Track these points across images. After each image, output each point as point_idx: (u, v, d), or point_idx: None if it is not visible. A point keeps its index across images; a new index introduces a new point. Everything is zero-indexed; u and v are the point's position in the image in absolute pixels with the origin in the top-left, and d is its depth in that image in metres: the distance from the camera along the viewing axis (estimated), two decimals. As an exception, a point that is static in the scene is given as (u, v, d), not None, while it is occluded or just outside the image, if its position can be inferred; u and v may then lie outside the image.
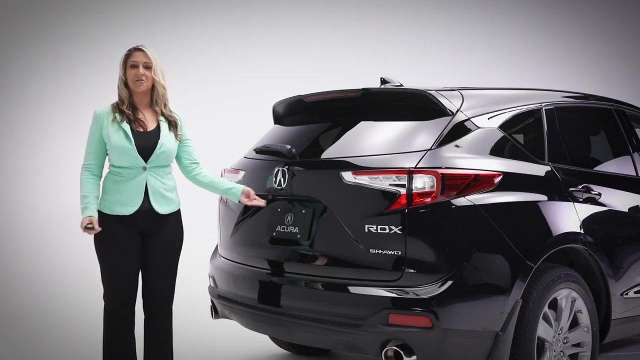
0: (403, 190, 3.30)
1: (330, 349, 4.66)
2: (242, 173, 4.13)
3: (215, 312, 4.20)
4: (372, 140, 3.69)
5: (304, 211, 3.67)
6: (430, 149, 3.41)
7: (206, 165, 3.95)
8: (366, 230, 3.38)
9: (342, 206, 3.49)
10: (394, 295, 3.29)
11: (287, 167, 3.76)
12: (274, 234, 3.79)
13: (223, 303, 4.07)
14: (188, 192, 4.15)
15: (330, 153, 3.79)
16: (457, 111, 3.58)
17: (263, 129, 4.46)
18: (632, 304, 4.19)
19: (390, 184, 3.35)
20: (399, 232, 3.29)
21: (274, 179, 3.79)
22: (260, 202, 3.77)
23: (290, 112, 4.29)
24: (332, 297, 3.47)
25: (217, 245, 4.38)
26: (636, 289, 4.21)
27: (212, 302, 4.22)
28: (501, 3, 9.55)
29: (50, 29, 8.16)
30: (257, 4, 8.83)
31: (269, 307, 3.71)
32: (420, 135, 3.52)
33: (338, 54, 8.79)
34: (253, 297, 3.82)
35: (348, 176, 3.47)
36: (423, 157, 3.37)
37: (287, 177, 3.74)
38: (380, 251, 3.34)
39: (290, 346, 4.74)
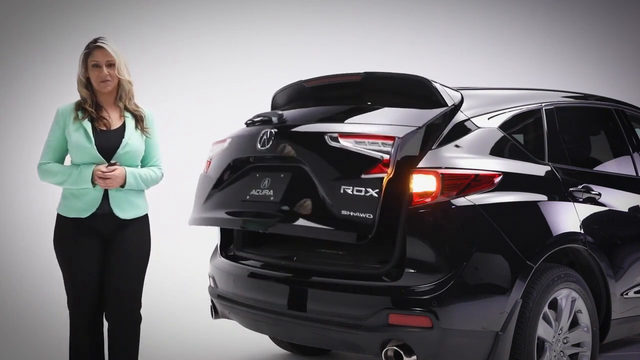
0: (387, 156, 3.24)
1: (330, 349, 4.65)
2: (228, 140, 4.07)
3: (215, 312, 4.20)
4: (366, 116, 3.68)
5: (282, 175, 3.61)
6: (430, 149, 3.41)
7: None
8: (341, 191, 3.29)
9: (322, 168, 3.43)
10: (394, 295, 3.29)
11: (274, 129, 3.71)
12: (248, 197, 3.73)
13: (223, 303, 4.06)
14: (188, 192, 4.15)
15: (321, 122, 3.74)
16: (457, 111, 3.58)
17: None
18: (632, 304, 4.19)
19: (375, 149, 3.29)
20: (375, 194, 3.20)
21: (259, 141, 3.73)
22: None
23: (289, 98, 4.27)
24: (332, 297, 3.47)
25: (217, 245, 4.37)
26: (636, 289, 4.21)
27: (212, 302, 4.22)
28: (501, 3, 9.55)
29: (52, 27, 8.16)
30: (258, 4, 8.83)
31: (269, 307, 3.71)
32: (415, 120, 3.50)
33: (338, 54, 8.79)
34: (253, 297, 3.81)
35: (334, 139, 3.42)
36: (423, 156, 3.37)
37: (272, 138, 3.67)
38: (351, 213, 3.25)
39: (290, 346, 4.74)
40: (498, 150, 3.61)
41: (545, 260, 3.55)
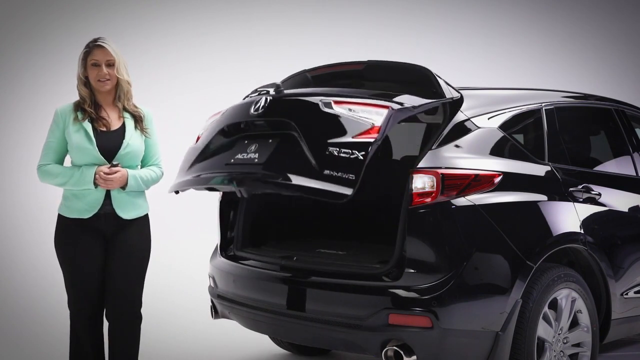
0: (378, 124, 3.21)
1: (330, 349, 4.66)
2: (222, 112, 4.03)
3: (215, 312, 4.20)
4: (363, 94, 3.65)
5: (270, 140, 3.56)
6: (430, 149, 3.41)
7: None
8: (327, 152, 3.24)
9: (312, 132, 3.39)
10: (394, 295, 3.29)
11: (271, 97, 3.67)
12: (232, 160, 3.65)
13: (223, 303, 4.06)
14: (187, 193, 4.14)
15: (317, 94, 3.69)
16: (457, 110, 3.58)
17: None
18: (632, 304, 4.19)
19: (367, 117, 3.26)
20: (360, 157, 3.14)
21: (253, 106, 3.68)
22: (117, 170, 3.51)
23: (292, 88, 4.26)
24: (332, 297, 3.47)
25: (217, 245, 4.37)
26: (636, 289, 4.21)
27: (212, 302, 4.22)
28: (501, 3, 9.55)
29: (52, 27, 8.16)
30: (258, 4, 8.83)
31: (269, 307, 3.71)
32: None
33: (338, 54, 8.78)
34: (253, 297, 3.81)
35: (327, 104, 3.39)
36: (423, 156, 3.37)
37: (266, 104, 3.62)
38: (334, 173, 3.18)
39: (290, 346, 4.74)
40: (498, 150, 3.61)
41: (545, 260, 3.56)
